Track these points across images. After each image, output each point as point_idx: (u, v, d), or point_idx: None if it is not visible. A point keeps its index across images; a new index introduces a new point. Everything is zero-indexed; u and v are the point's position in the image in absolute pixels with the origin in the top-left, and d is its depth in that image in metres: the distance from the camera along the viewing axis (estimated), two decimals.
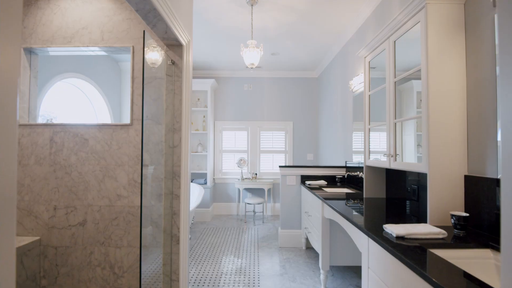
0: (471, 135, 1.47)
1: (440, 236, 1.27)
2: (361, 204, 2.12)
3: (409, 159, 1.77)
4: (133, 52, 1.96)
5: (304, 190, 3.26)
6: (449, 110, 1.49)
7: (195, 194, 3.96)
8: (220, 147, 5.32)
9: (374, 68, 2.33)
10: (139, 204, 1.87)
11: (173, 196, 1.81)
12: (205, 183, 4.81)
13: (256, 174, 5.09)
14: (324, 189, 2.98)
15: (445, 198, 1.48)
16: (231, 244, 3.56)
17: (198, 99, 5.03)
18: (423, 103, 1.52)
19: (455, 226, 1.36)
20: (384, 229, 1.38)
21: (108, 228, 1.94)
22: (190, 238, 3.75)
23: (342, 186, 3.20)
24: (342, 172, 3.44)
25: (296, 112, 5.32)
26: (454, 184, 1.49)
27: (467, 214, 1.34)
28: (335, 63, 4.11)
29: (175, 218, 1.82)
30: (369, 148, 2.33)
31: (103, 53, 2.07)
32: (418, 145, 1.67)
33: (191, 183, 4.23)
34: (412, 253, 1.09)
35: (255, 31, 3.45)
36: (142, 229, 1.68)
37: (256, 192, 5.24)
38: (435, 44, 1.50)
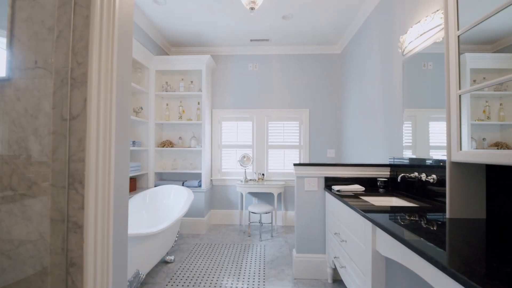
0: None
1: None
2: (446, 231, 1.09)
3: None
4: None
5: (331, 199, 2.25)
6: None
7: (180, 201, 3.01)
8: (219, 141, 4.35)
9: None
10: (12, 238, 0.91)
11: (67, 226, 0.84)
12: (200, 186, 3.85)
13: (263, 174, 4.09)
14: (362, 197, 1.96)
15: None
16: (227, 272, 2.58)
17: (191, 81, 4.07)
18: None
19: None
20: None
21: None
22: (173, 261, 2.79)
23: (387, 193, 2.15)
24: (386, 173, 2.40)
25: (313, 97, 4.28)
26: None
27: None
28: (369, 24, 3.05)
29: (73, 273, 0.85)
30: (460, 132, 1.30)
31: None
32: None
33: (178, 186, 3.27)
34: None
35: None
36: None
37: (263, 197, 4.24)
38: None
